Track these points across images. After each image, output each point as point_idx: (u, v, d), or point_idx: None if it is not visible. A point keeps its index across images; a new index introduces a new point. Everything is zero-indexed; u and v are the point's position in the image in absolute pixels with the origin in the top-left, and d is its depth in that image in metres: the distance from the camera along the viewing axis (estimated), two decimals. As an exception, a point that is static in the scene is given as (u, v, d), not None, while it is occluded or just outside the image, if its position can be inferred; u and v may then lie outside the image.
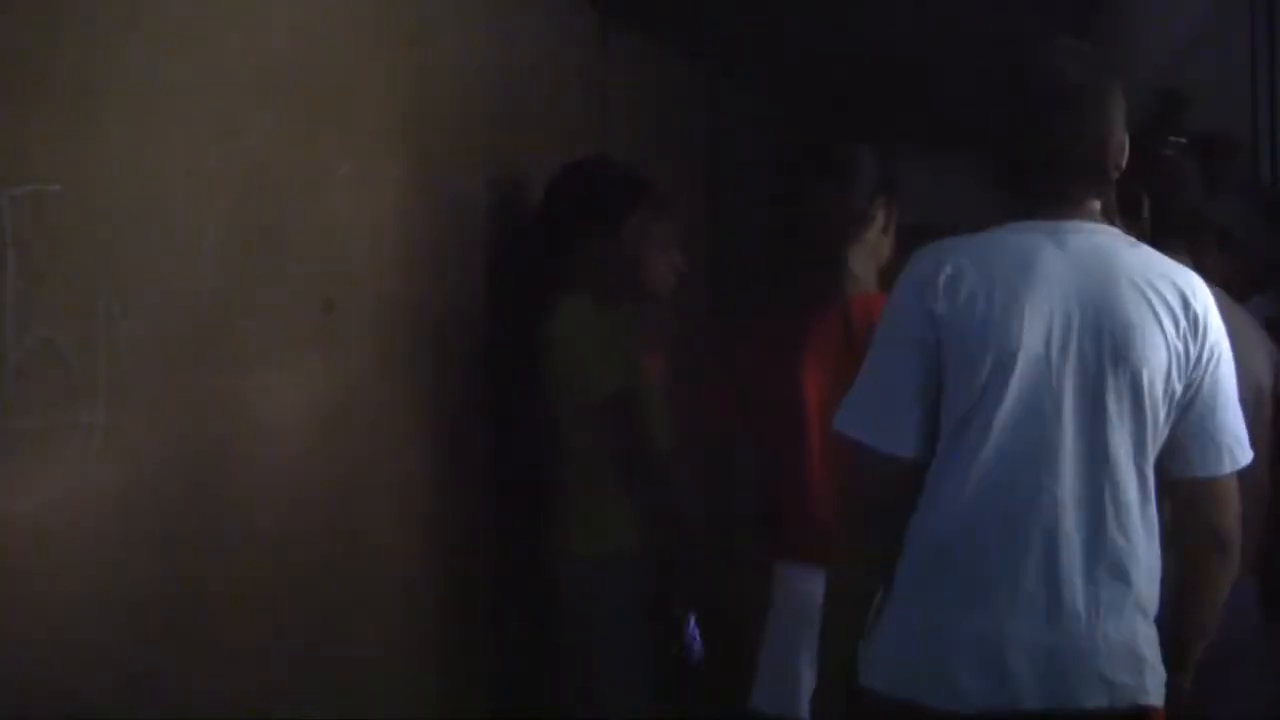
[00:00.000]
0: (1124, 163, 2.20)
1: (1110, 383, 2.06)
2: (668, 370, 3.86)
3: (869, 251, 2.97)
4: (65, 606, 2.07)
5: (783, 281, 3.01)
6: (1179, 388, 2.10)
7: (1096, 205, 2.18)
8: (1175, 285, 2.11)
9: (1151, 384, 2.07)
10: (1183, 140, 2.81)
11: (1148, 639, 2.12)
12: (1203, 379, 2.12)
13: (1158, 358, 2.08)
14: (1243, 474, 2.21)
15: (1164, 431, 2.12)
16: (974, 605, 2.08)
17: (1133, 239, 2.19)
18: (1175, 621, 2.18)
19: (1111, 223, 2.23)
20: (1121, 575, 2.08)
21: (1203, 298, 2.12)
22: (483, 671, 3.50)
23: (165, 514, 2.28)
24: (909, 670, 2.11)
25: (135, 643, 2.21)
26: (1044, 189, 2.16)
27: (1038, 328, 2.07)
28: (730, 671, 3.13)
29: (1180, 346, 2.09)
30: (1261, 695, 2.69)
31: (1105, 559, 2.07)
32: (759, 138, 6.30)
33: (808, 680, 2.74)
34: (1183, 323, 2.09)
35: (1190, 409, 2.12)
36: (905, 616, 2.14)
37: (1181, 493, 2.16)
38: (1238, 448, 2.16)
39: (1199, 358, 2.11)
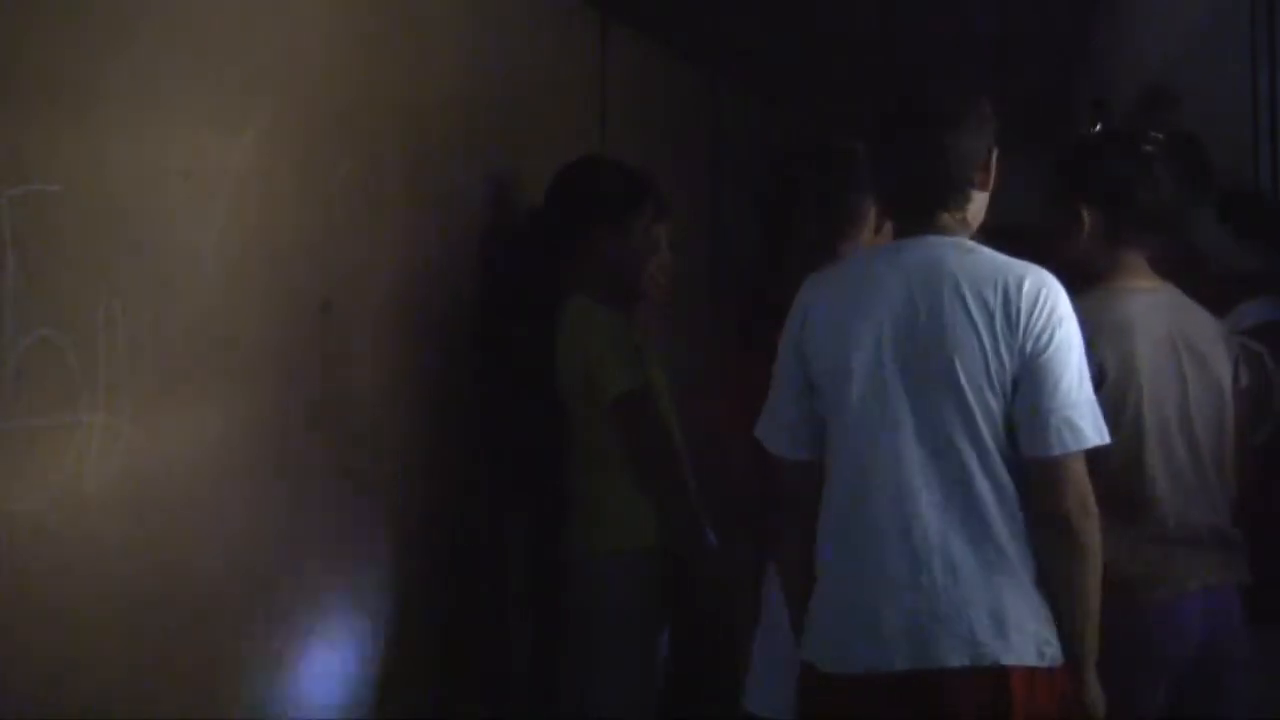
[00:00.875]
0: (985, 178, 2.44)
1: (933, 377, 2.32)
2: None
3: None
4: (65, 606, 2.07)
5: (777, 281, 3.02)
6: (1006, 374, 2.31)
7: (948, 217, 2.42)
8: (998, 282, 2.32)
9: (969, 374, 2.31)
10: (1160, 137, 2.79)
11: (1014, 603, 2.30)
12: (1028, 365, 2.30)
13: (971, 351, 2.30)
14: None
15: (1002, 415, 2.32)
16: (855, 581, 2.36)
17: (971, 245, 2.40)
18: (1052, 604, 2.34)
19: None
20: (975, 545, 2.31)
21: (1031, 291, 2.31)
22: (484, 671, 3.51)
23: (165, 514, 2.29)
24: (816, 640, 2.41)
25: (135, 643, 2.22)
26: (889, 205, 2.52)
27: (868, 338, 2.35)
28: (727, 672, 3.13)
29: (994, 339, 2.30)
30: (1251, 698, 2.68)
31: (957, 532, 2.31)
32: (759, 137, 6.31)
33: (767, 680, 2.78)
34: (998, 316, 2.30)
35: (1018, 393, 2.31)
36: (817, 595, 2.44)
37: (1027, 474, 2.33)
38: (1067, 431, 2.29)
39: (1021, 347, 2.30)
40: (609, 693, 3.26)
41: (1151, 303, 2.65)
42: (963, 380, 2.30)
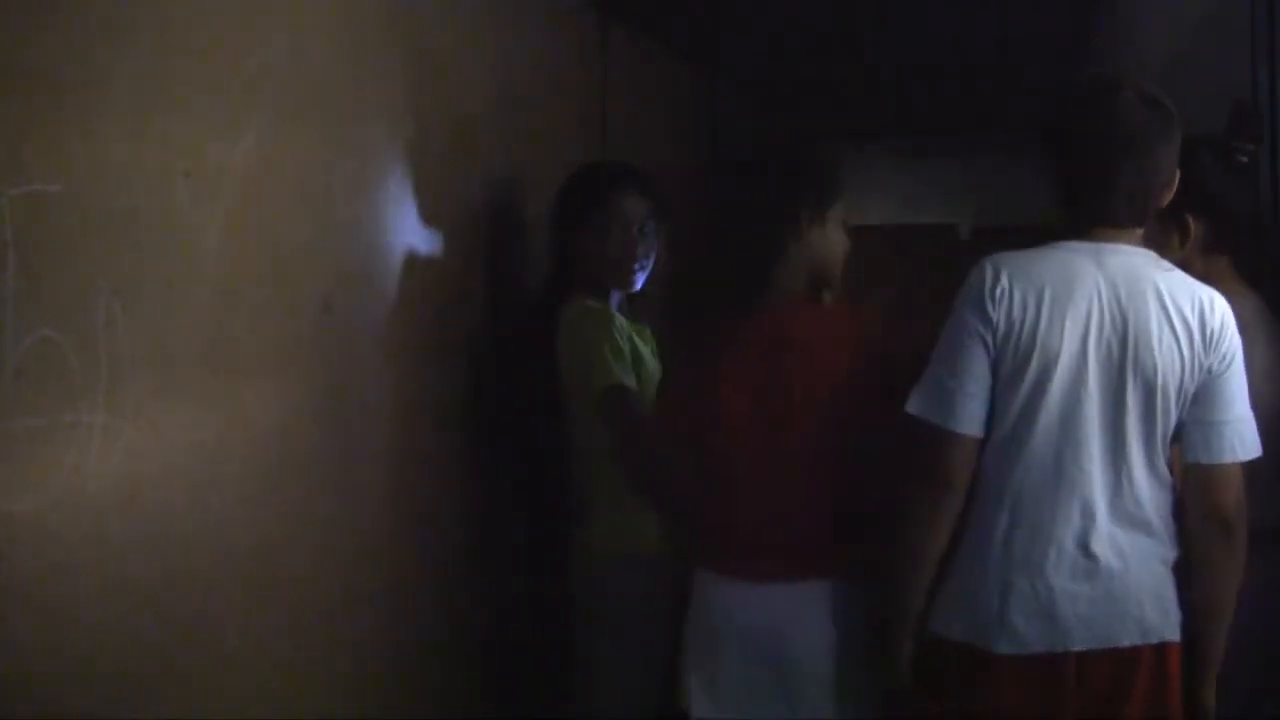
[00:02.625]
0: (1169, 197, 2.55)
1: (1130, 382, 2.45)
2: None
3: (802, 254, 2.87)
4: (65, 606, 2.07)
5: (722, 284, 3.00)
6: (1191, 389, 2.46)
7: (1139, 231, 2.54)
8: (1194, 302, 2.48)
9: (1165, 386, 2.45)
10: (1253, 147, 2.86)
11: (1169, 586, 2.50)
12: (1215, 381, 2.47)
13: (1172, 364, 2.45)
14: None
15: (1174, 424, 2.48)
16: (1029, 566, 2.48)
17: (1167, 263, 2.53)
18: (1191, 608, 2.49)
19: (1161, 248, 2.57)
20: (1136, 534, 2.48)
21: (1220, 313, 2.48)
22: (486, 671, 3.51)
23: (165, 514, 2.29)
24: (978, 620, 2.50)
25: (135, 643, 2.22)
26: (1094, 215, 2.53)
27: (1075, 333, 2.45)
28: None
29: (1193, 356, 2.45)
30: (1266, 688, 2.71)
31: (1126, 523, 2.47)
32: (759, 137, 6.31)
33: (690, 681, 2.79)
34: (1197, 336, 2.45)
35: (1198, 403, 2.47)
36: (974, 576, 2.52)
37: (1190, 477, 2.48)
38: (1239, 442, 2.46)
39: (1211, 366, 2.46)
40: (609, 692, 3.26)
41: (1254, 308, 2.73)
42: (1159, 386, 2.44)
